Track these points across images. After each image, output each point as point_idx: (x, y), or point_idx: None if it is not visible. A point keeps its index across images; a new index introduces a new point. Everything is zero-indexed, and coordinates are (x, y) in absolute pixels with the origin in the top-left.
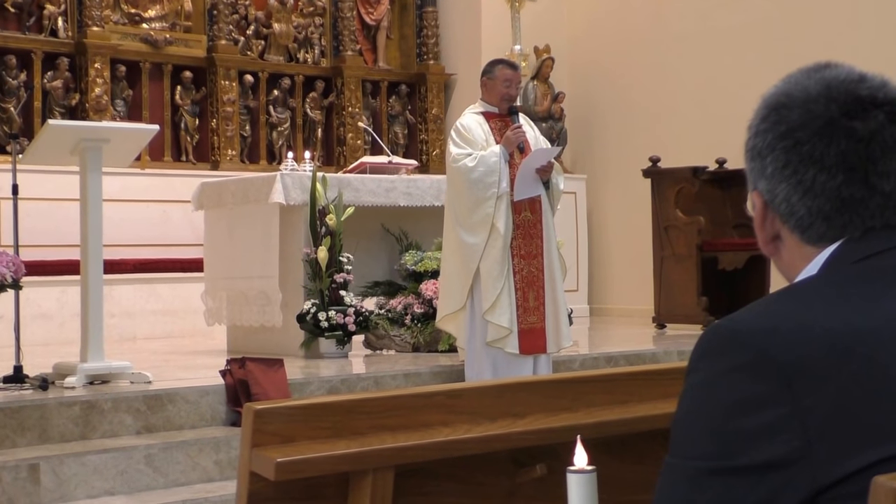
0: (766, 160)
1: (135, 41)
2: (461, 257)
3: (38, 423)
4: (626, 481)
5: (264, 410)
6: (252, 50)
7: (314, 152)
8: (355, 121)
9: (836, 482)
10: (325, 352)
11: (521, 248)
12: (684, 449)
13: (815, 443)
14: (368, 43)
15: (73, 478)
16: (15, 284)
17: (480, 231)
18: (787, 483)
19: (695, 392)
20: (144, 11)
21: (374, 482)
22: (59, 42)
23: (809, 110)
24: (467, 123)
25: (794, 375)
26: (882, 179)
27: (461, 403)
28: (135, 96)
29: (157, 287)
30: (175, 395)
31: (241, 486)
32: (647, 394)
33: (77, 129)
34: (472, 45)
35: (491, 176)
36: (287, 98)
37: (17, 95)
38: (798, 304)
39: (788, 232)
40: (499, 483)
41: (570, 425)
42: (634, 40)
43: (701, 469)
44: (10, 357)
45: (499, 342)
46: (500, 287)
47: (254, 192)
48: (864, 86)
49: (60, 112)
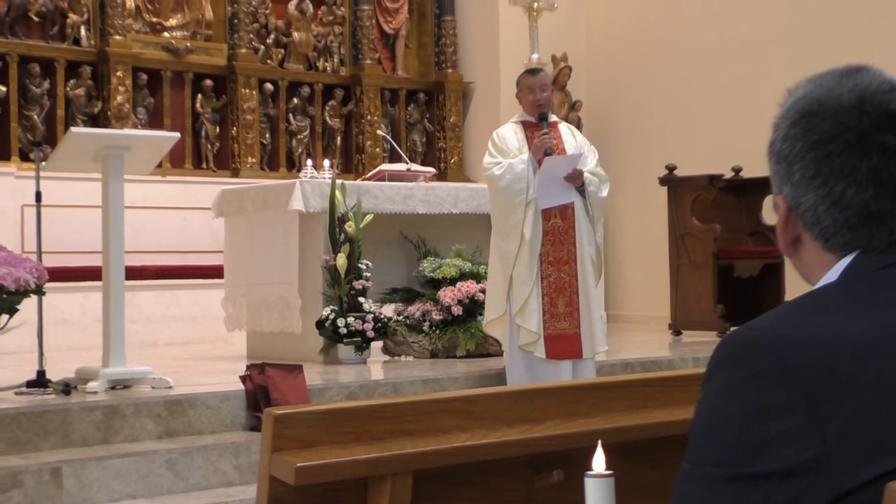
0: (793, 166)
1: (156, 50)
2: (500, 264)
3: (61, 427)
4: (643, 487)
5: (284, 416)
6: (272, 58)
7: (333, 160)
8: (374, 129)
9: (852, 489)
10: (344, 358)
11: (550, 254)
12: (702, 455)
13: (833, 451)
14: (387, 51)
15: (95, 482)
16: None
17: (513, 238)
18: (803, 490)
19: (713, 399)
20: (166, 20)
21: (393, 487)
22: (81, 51)
23: (842, 122)
24: (503, 133)
25: (813, 384)
26: None
27: (479, 409)
28: (156, 104)
29: (178, 293)
30: (195, 400)
31: (261, 491)
32: (664, 400)
33: (99, 136)
34: (490, 53)
35: (518, 183)
36: (306, 106)
37: (40, 103)
38: (817, 311)
39: (810, 238)
40: (516, 488)
41: (587, 431)
42: (651, 50)
43: (718, 476)
44: (33, 362)
45: (529, 346)
46: (528, 292)
47: (273, 200)
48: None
49: (83, 120)
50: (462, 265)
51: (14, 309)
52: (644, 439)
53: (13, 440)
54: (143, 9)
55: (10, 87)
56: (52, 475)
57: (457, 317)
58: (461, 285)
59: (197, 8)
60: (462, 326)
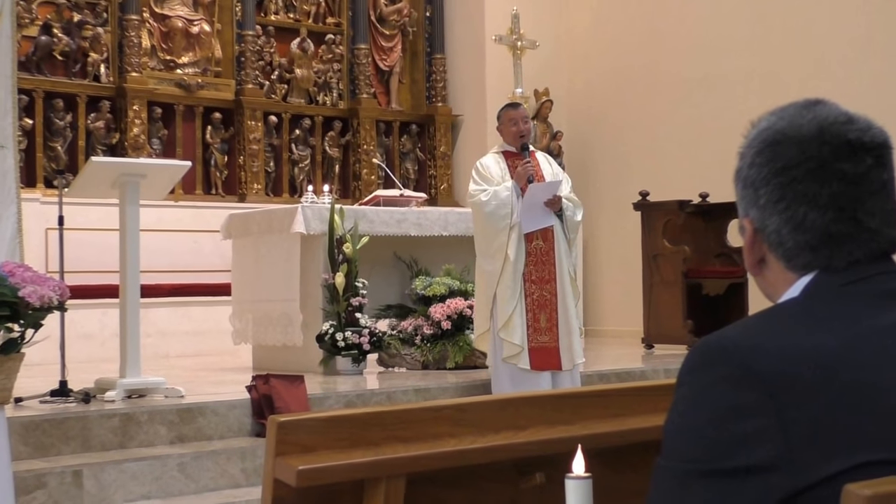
0: (759, 191)
1: (170, 85)
2: (484, 283)
3: (81, 433)
4: (620, 490)
5: (287, 423)
6: (276, 93)
7: (332, 186)
8: (370, 157)
9: (813, 485)
10: (342, 369)
11: (533, 273)
12: (675, 453)
13: (796, 451)
14: (382, 86)
15: (113, 483)
16: (60, 307)
17: (497, 259)
18: (768, 485)
19: (686, 401)
20: (178, 58)
21: (388, 489)
22: (101, 87)
23: (804, 151)
24: (486, 162)
25: (778, 389)
26: (868, 217)
27: (467, 417)
28: (169, 135)
29: (189, 309)
30: (205, 408)
31: (265, 492)
32: (639, 408)
33: (117, 165)
34: (478, 88)
35: (503, 209)
36: (308, 137)
37: (63, 135)
38: (781, 323)
39: (774, 258)
40: (502, 490)
41: (567, 437)
42: (626, 86)
43: (690, 471)
44: (56, 373)
45: (512, 358)
46: (511, 308)
47: (277, 223)
48: (853, 128)
49: (102, 150)
50: (451, 283)
51: (38, 324)
52: (620, 445)
53: (37, 445)
54: (158, 48)
55: (35, 120)
56: (74, 477)
57: (446, 331)
58: (450, 302)
59: (207, 47)
60: (451, 340)
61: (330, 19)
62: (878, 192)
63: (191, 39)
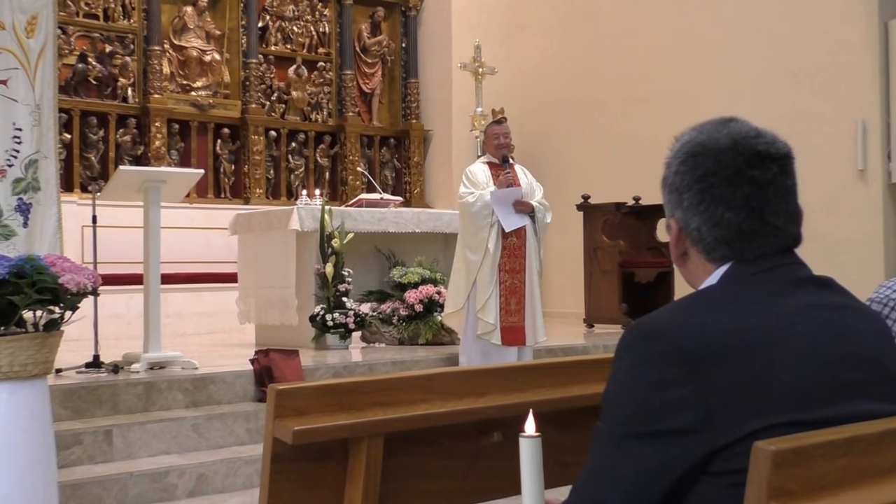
0: (682, 195)
1: (186, 105)
2: (466, 270)
3: (111, 398)
4: (564, 447)
5: (284, 390)
6: (275, 112)
7: (323, 191)
8: (354, 166)
9: (729, 444)
10: (331, 344)
11: (507, 264)
12: (613, 417)
13: (714, 415)
14: (365, 106)
15: (138, 441)
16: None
17: (479, 250)
18: (691, 444)
19: (622, 373)
20: (193, 82)
21: (369, 446)
22: (128, 106)
23: (720, 160)
24: (474, 169)
25: (699, 363)
26: (774, 217)
27: (436, 385)
28: (185, 147)
29: (202, 294)
30: (215, 377)
31: (266, 449)
32: (581, 378)
33: (141, 172)
34: (445, 107)
35: (486, 209)
36: (302, 149)
37: (96, 147)
38: (702, 306)
39: (696, 252)
40: (465, 447)
41: (520, 402)
42: (569, 105)
43: (627, 433)
44: (90, 348)
45: (486, 335)
46: (489, 293)
47: (276, 221)
48: (761, 141)
49: (129, 160)
50: (423, 272)
51: (75, 306)
52: (565, 409)
53: (74, 408)
54: (176, 74)
55: (73, 135)
56: (105, 435)
57: (419, 313)
58: (422, 288)
59: (217, 73)
60: (423, 320)
61: (321, 49)
62: (782, 196)
63: (204, 67)
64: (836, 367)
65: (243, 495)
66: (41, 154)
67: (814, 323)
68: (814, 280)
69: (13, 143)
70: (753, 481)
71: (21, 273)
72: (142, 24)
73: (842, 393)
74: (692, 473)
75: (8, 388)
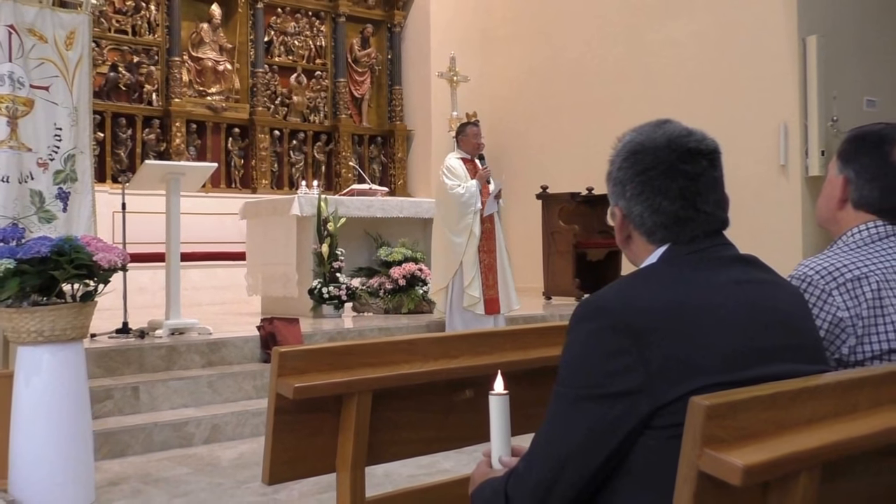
0: (625, 187)
1: (202, 108)
2: (451, 252)
3: (138, 359)
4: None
5: (286, 352)
6: (279, 114)
7: (319, 182)
8: (347, 161)
9: (667, 403)
10: (326, 314)
11: (484, 245)
12: (568, 381)
13: (654, 378)
14: (356, 109)
15: (161, 395)
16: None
17: (464, 234)
18: (635, 403)
19: (575, 344)
20: (208, 88)
21: (359, 400)
22: (153, 109)
23: (657, 156)
24: (452, 164)
25: (640, 334)
26: (705, 204)
27: (416, 348)
28: (202, 144)
29: (216, 270)
30: (227, 342)
31: (270, 402)
32: (540, 343)
33: (164, 166)
34: (425, 110)
35: (473, 199)
36: (302, 146)
37: (125, 144)
38: (644, 284)
39: (638, 235)
40: (440, 401)
41: (489, 363)
42: (531, 108)
43: (580, 395)
44: (120, 316)
45: (472, 307)
46: (474, 271)
47: (280, 208)
48: (692, 139)
49: (153, 155)
50: (406, 252)
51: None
52: (525, 369)
53: (106, 367)
54: (194, 81)
55: (105, 133)
56: (133, 391)
57: (402, 286)
58: (405, 266)
59: (229, 80)
60: (406, 293)
61: (318, 60)
62: (711, 186)
63: (217, 75)
64: (760, 334)
65: (251, 442)
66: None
67: (740, 295)
68: (740, 259)
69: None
70: (689, 431)
71: (61, 251)
72: (164, 38)
73: (765, 356)
74: (637, 428)
75: (50, 349)
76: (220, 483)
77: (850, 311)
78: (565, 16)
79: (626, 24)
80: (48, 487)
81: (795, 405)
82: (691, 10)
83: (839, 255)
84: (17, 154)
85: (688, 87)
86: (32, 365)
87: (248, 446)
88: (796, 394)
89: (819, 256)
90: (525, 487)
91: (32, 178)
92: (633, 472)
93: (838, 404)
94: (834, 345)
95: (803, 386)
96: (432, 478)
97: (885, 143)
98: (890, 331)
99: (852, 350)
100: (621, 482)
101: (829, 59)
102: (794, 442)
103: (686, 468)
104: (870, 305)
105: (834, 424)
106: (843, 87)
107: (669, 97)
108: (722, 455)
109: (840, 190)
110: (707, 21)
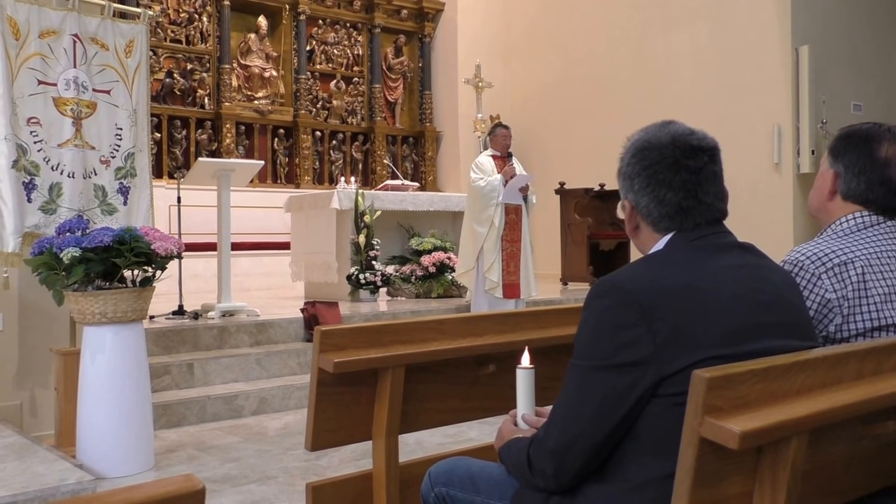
0: (633, 181)
1: (250, 111)
2: (474, 240)
3: (192, 338)
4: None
5: (327, 331)
6: (320, 117)
7: (357, 178)
8: (381, 159)
9: (674, 373)
10: (363, 298)
11: (508, 235)
12: (582, 354)
13: (660, 350)
14: (390, 112)
15: (213, 371)
16: (178, 256)
17: (485, 224)
18: (643, 373)
19: (590, 319)
20: (256, 93)
21: (393, 374)
22: (205, 112)
23: (662, 153)
24: (482, 161)
25: (648, 310)
26: (705, 195)
27: (445, 328)
28: (250, 144)
29: (263, 258)
30: (274, 323)
31: (313, 377)
32: (557, 322)
33: (216, 163)
34: (452, 113)
35: (494, 191)
36: (341, 146)
37: (180, 144)
38: (651, 267)
39: (645, 225)
40: (467, 375)
41: (511, 341)
42: (550, 110)
43: (594, 366)
44: (176, 299)
45: (492, 290)
46: (493, 257)
47: (321, 202)
48: (694, 137)
49: (206, 153)
50: (436, 242)
51: (164, 267)
52: (544, 346)
53: (164, 346)
54: (242, 86)
55: (162, 134)
56: (188, 367)
57: (432, 273)
58: (435, 254)
59: (275, 86)
60: (436, 279)
61: (356, 68)
62: (711, 179)
63: (264, 81)
64: (756, 312)
65: (295, 413)
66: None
67: (738, 278)
68: (738, 245)
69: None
70: (692, 400)
71: (122, 241)
72: (215, 47)
73: (760, 332)
74: (645, 396)
75: (113, 329)
76: (268, 450)
77: (837, 292)
78: (579, 30)
79: (633, 36)
80: (112, 454)
81: (787, 377)
82: (693, 24)
83: (828, 241)
84: (82, 152)
85: (690, 93)
86: (97, 343)
87: (292, 417)
88: (788, 367)
89: (810, 243)
90: (545, 452)
91: (96, 174)
92: (641, 436)
93: (825, 377)
94: (822, 323)
95: (794, 360)
96: (459, 445)
97: (871, 140)
98: (873, 311)
99: (838, 328)
100: (630, 446)
101: (820, 68)
102: (786, 410)
103: (689, 434)
104: (855, 288)
105: (821, 395)
106: (833, 92)
107: (673, 102)
108: (721, 422)
109: (830, 183)
110: (708, 33)
